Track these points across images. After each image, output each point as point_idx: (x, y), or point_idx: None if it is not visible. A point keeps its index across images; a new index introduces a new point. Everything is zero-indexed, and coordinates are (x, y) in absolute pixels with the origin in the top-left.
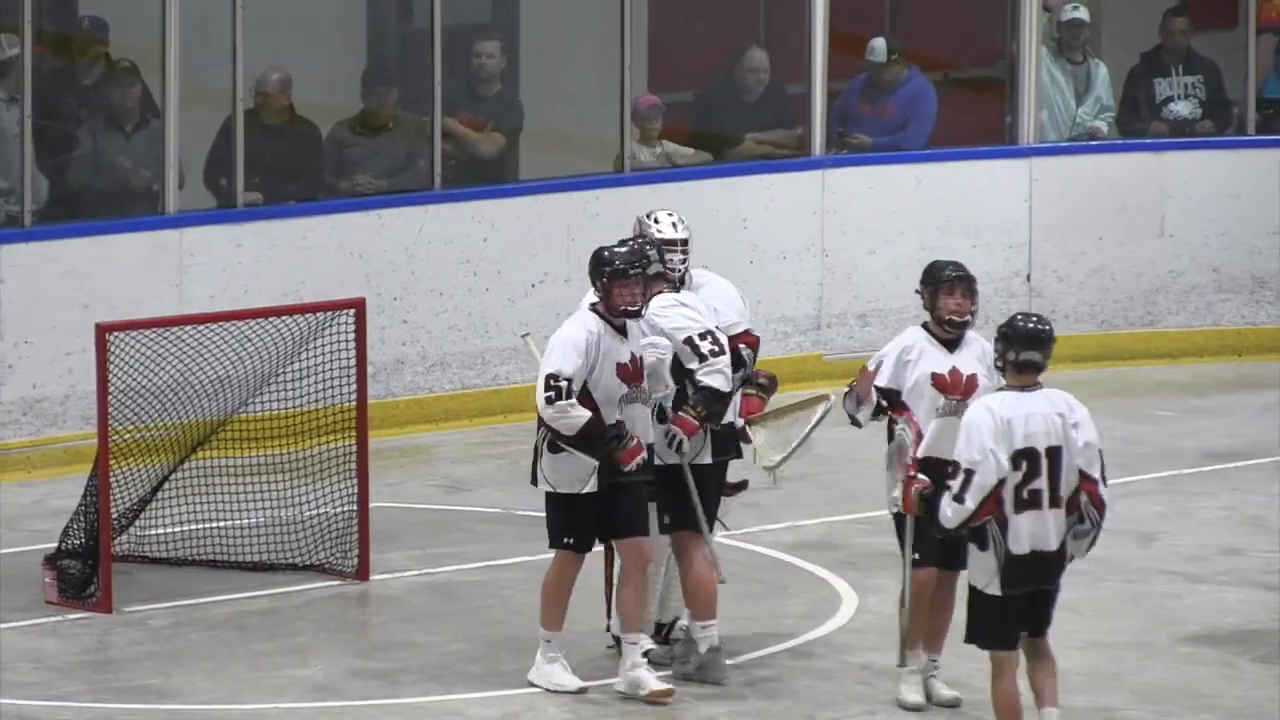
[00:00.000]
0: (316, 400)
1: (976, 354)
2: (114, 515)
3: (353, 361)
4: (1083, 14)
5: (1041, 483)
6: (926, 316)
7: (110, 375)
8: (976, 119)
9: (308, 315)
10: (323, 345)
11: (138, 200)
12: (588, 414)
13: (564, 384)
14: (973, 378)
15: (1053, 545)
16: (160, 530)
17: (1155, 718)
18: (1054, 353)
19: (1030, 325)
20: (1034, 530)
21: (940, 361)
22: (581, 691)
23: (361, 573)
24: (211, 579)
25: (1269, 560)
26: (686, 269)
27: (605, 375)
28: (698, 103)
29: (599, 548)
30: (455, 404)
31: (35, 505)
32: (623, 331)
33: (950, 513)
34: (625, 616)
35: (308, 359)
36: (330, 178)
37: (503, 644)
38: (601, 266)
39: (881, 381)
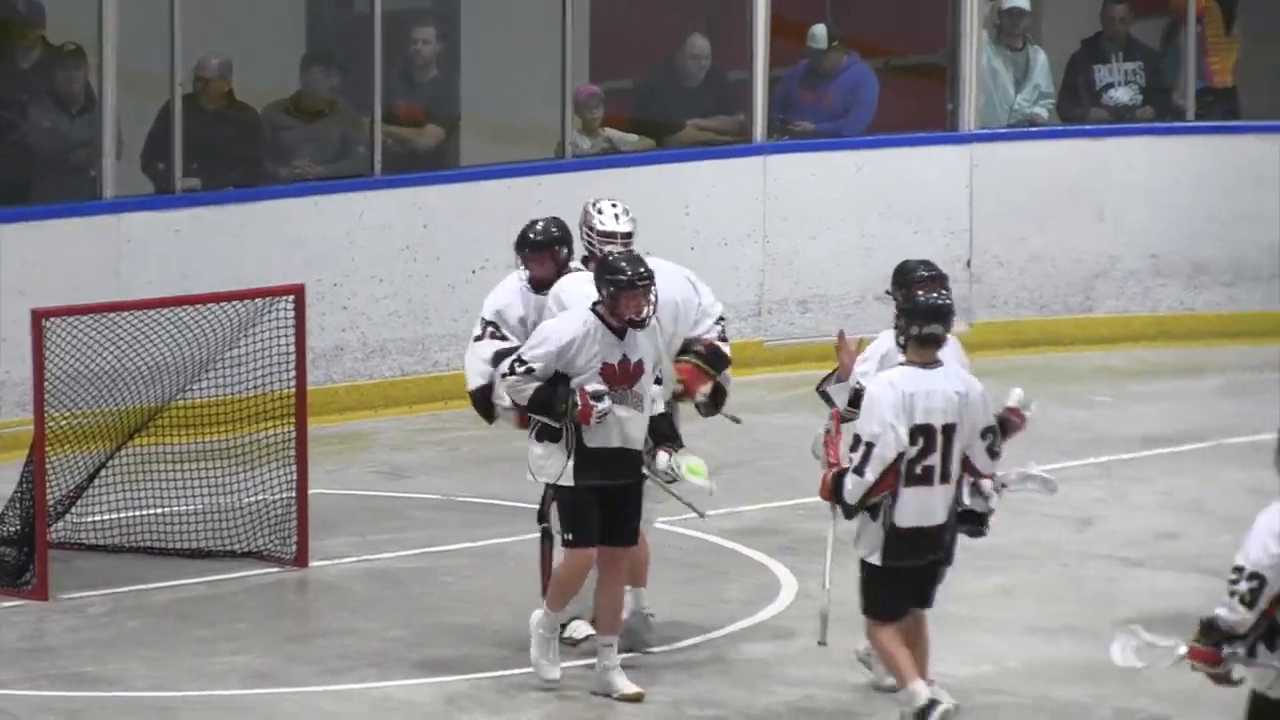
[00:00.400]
0: (255, 386)
1: (953, 353)
2: (50, 502)
3: (292, 348)
4: (1023, 1)
5: (935, 459)
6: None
7: (47, 361)
8: (917, 106)
9: (246, 301)
10: (262, 331)
11: (76, 185)
12: (536, 383)
13: (521, 369)
14: None
15: (939, 519)
16: (97, 517)
17: (1092, 701)
18: (994, 337)
19: (932, 299)
20: (921, 506)
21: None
22: (552, 682)
23: (300, 559)
24: (149, 566)
25: (1206, 545)
26: None
27: (589, 373)
28: (639, 89)
29: (532, 536)
30: (395, 390)
31: None
32: (620, 334)
33: (850, 485)
34: (601, 619)
35: (247, 345)
36: (270, 164)
37: (442, 630)
38: (606, 275)
39: (867, 381)
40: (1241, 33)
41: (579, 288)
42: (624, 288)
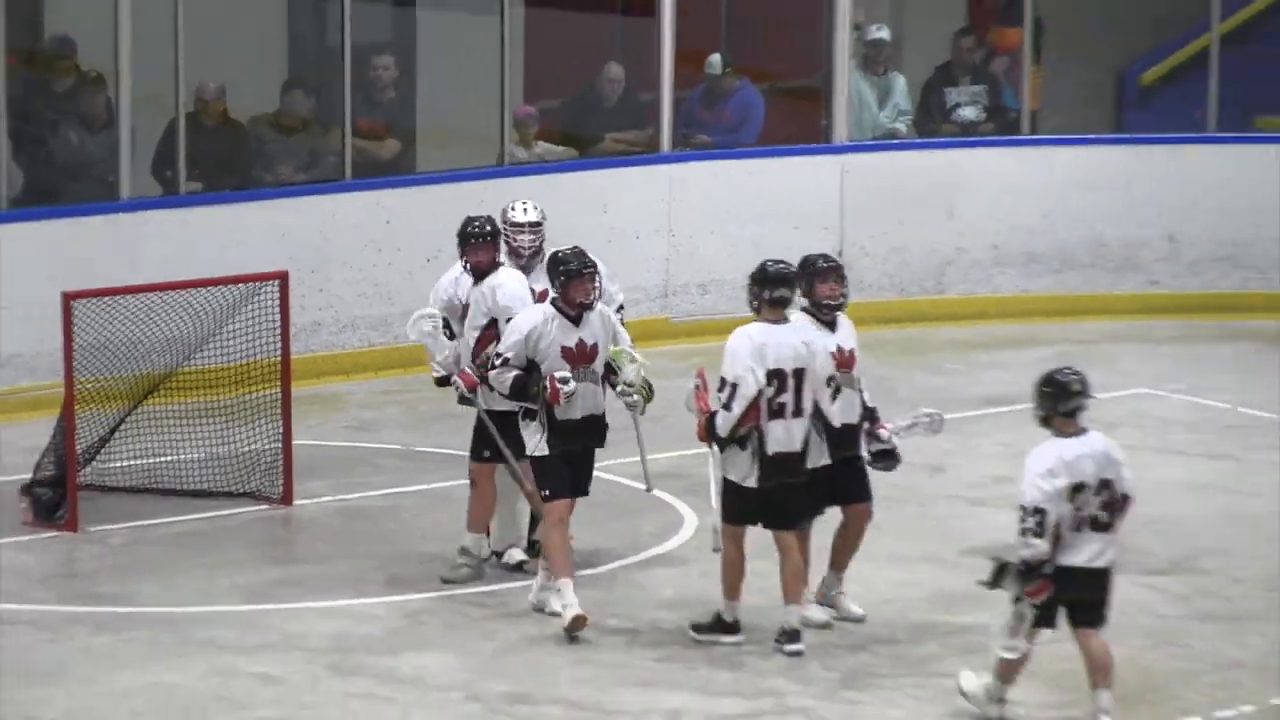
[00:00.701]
0: (247, 355)
1: (849, 332)
2: (79, 450)
3: (278, 323)
4: (884, 34)
5: (788, 397)
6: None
7: (74, 335)
8: (797, 123)
9: (240, 285)
10: (253, 310)
11: (98, 189)
12: (515, 372)
13: (499, 361)
14: (852, 352)
15: (796, 448)
16: (118, 463)
17: (944, 617)
18: (862, 315)
19: (779, 267)
20: (782, 435)
21: (828, 342)
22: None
23: (286, 499)
24: (161, 504)
25: None
26: (538, 247)
27: (551, 356)
28: (565, 108)
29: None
30: (363, 359)
31: (11, 443)
32: (576, 320)
33: (721, 420)
34: (552, 562)
35: (240, 321)
36: (258, 171)
37: (404, 558)
38: (558, 268)
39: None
40: (1046, 63)
41: (515, 288)
42: (573, 276)
